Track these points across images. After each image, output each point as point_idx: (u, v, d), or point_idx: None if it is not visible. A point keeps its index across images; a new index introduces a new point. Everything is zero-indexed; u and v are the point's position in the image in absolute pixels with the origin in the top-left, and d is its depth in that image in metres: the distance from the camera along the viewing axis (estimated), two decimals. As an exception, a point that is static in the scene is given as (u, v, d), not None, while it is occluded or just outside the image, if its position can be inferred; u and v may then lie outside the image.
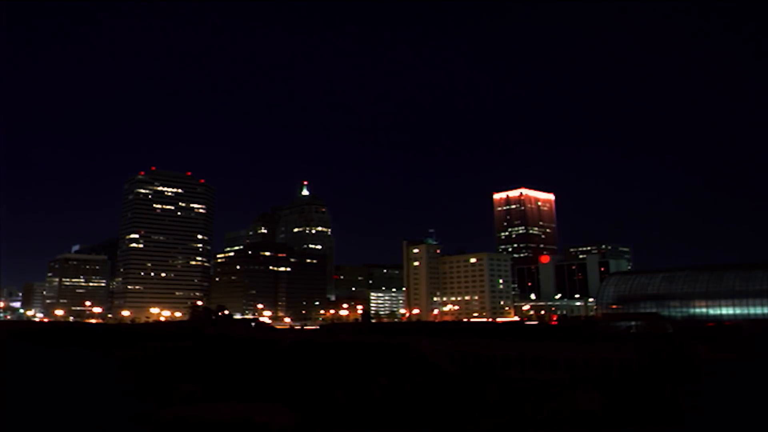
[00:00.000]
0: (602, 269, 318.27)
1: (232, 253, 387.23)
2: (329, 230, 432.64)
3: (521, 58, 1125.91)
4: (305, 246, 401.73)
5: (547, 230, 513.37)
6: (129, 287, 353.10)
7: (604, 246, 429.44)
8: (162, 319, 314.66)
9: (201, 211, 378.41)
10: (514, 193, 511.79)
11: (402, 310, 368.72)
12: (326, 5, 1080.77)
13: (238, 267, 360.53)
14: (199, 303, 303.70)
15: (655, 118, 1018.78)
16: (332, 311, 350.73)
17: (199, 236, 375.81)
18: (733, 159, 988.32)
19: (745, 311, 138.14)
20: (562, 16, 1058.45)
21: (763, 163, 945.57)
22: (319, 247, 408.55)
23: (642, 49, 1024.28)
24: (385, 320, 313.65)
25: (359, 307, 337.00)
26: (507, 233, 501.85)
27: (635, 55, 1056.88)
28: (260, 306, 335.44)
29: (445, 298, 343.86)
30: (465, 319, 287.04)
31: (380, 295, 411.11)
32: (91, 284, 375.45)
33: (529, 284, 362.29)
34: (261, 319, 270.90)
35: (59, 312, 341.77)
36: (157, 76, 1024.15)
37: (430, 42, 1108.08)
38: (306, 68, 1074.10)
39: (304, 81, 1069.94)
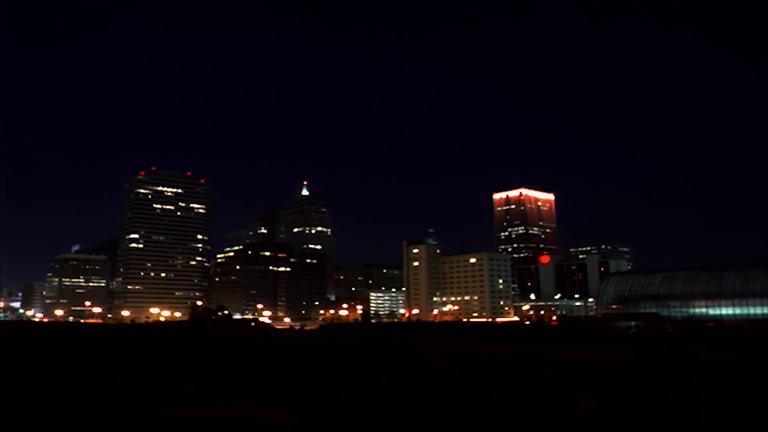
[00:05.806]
0: (602, 269, 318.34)
1: (232, 253, 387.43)
2: (329, 230, 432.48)
3: (521, 57, 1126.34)
4: (305, 246, 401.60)
5: (547, 230, 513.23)
6: (129, 287, 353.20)
7: (604, 246, 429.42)
8: (162, 319, 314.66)
9: (201, 211, 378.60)
10: (514, 193, 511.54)
11: (402, 310, 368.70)
12: (326, 6, 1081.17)
13: (238, 267, 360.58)
14: (199, 303, 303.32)
15: (656, 119, 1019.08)
16: (332, 311, 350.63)
17: (199, 236, 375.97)
18: (733, 159, 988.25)
19: (745, 311, 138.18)
20: (562, 17, 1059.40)
21: (763, 162, 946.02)
22: (319, 247, 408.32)
23: (642, 50, 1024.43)
24: (385, 320, 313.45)
25: (359, 307, 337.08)
26: (507, 233, 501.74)
27: (635, 56, 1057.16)
28: (260, 306, 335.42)
29: (444, 298, 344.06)
30: (465, 319, 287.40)
31: (380, 295, 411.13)
32: (91, 284, 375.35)
33: (529, 284, 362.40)
34: (261, 319, 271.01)
35: (59, 312, 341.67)
36: (157, 76, 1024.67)
37: (430, 42, 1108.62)
38: (306, 68, 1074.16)
39: (304, 81, 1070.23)
